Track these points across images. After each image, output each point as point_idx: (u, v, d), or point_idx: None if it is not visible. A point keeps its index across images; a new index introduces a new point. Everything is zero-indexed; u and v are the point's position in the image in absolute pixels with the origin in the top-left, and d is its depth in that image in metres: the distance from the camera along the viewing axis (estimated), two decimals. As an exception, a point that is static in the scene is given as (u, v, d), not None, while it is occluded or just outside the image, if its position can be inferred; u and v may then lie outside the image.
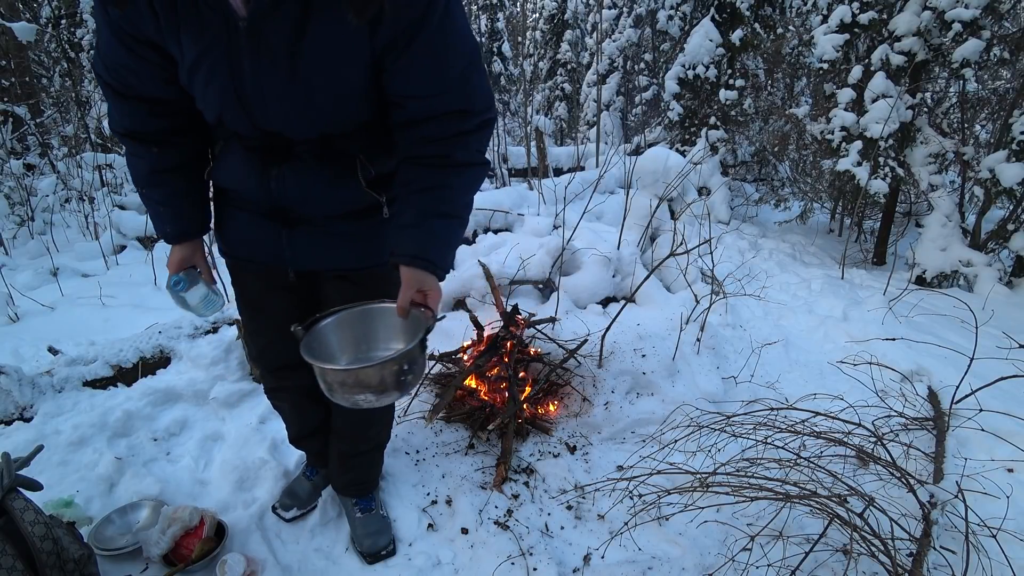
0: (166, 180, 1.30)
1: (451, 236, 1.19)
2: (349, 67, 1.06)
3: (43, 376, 2.20)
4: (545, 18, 16.43)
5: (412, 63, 1.05)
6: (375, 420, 1.64)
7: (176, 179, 1.31)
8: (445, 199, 1.16)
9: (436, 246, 1.16)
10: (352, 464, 1.69)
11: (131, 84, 1.16)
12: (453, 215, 1.18)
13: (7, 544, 1.25)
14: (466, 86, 1.10)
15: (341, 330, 1.23)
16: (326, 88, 1.09)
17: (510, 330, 2.50)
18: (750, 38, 6.69)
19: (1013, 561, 1.54)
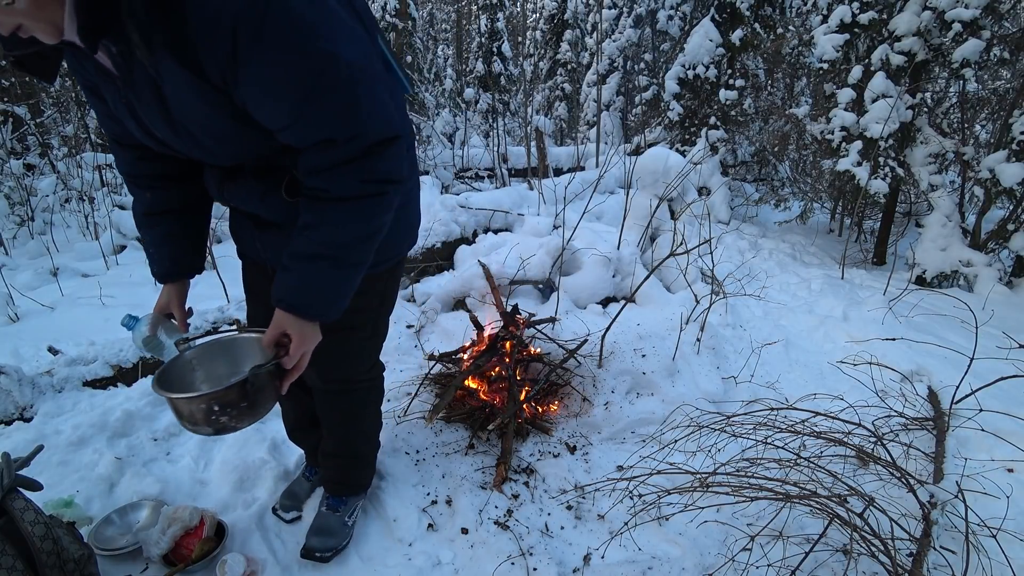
0: (157, 222, 1.35)
1: (322, 281, 1.11)
2: (212, 111, 1.02)
3: (43, 376, 2.20)
4: (545, 18, 16.43)
5: (249, 98, 0.99)
6: (350, 427, 1.65)
7: (167, 222, 1.35)
8: (318, 240, 1.08)
9: (301, 292, 1.11)
10: (330, 462, 1.71)
11: (117, 132, 1.23)
12: (326, 256, 1.08)
13: (7, 544, 1.25)
14: (319, 113, 0.99)
15: (209, 356, 1.27)
16: (205, 132, 1.06)
17: (510, 330, 2.50)
18: (750, 38, 6.69)
19: (1013, 561, 1.54)
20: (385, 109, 1.04)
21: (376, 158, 1.04)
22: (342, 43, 0.97)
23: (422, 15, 19.77)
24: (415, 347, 2.90)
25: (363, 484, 1.78)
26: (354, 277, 1.14)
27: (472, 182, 7.03)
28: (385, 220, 1.12)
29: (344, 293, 1.15)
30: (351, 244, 1.10)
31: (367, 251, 1.13)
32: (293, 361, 1.13)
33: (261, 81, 0.96)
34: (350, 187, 1.05)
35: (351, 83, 0.99)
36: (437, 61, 19.57)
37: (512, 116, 14.30)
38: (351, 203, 1.06)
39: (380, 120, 1.03)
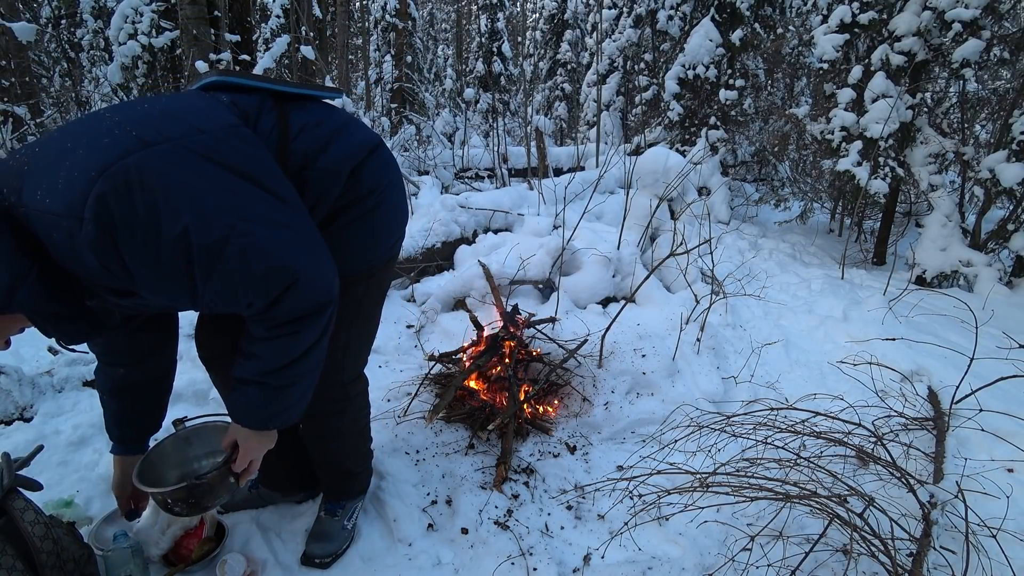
0: (119, 396, 1.44)
1: (257, 401, 1.19)
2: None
3: (43, 376, 2.20)
4: (545, 18, 16.44)
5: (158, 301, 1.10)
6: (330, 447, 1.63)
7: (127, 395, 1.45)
8: (249, 368, 1.16)
9: (242, 409, 1.21)
10: (318, 469, 1.70)
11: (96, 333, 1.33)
12: (256, 382, 1.16)
13: (7, 544, 1.25)
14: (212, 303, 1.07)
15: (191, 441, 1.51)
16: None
17: (510, 330, 2.50)
18: (750, 38, 6.68)
19: (1013, 561, 1.54)
20: (268, 261, 1.03)
21: (277, 308, 1.08)
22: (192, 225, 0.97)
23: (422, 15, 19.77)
24: (415, 347, 2.90)
25: (360, 489, 1.76)
26: (287, 396, 1.20)
27: (472, 182, 7.02)
28: (312, 346, 1.15)
29: (282, 409, 1.21)
30: (273, 372, 1.15)
31: (295, 374, 1.17)
32: (241, 465, 1.25)
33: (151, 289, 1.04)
34: (262, 331, 1.12)
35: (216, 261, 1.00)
36: (437, 61, 19.57)
37: (512, 116, 14.30)
38: (269, 342, 1.13)
39: (263, 279, 1.04)
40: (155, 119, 1.04)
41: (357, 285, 1.43)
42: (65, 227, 0.94)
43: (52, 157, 0.98)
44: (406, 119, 10.17)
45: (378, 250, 1.44)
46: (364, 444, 1.74)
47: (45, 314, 1.04)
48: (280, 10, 9.46)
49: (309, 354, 1.17)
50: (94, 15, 9.48)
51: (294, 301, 1.09)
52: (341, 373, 1.53)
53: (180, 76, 6.34)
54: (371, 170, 1.33)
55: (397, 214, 1.46)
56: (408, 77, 12.15)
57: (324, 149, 1.25)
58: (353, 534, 1.70)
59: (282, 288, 1.06)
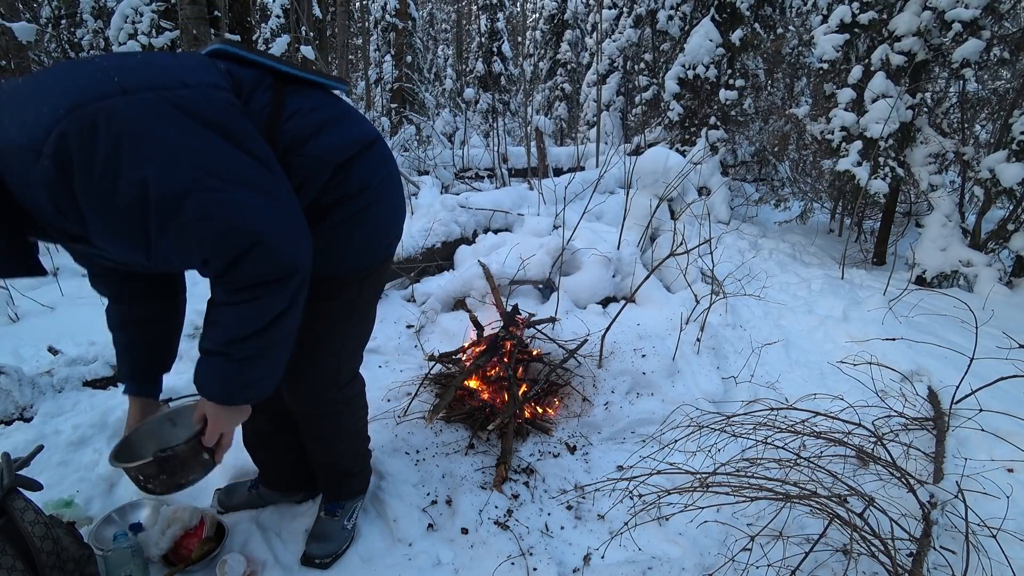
0: (129, 331, 1.40)
1: (218, 372, 1.15)
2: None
3: (43, 376, 2.20)
4: (545, 18, 16.44)
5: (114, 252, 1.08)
6: (329, 446, 1.61)
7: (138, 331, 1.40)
8: (212, 338, 1.13)
9: (203, 378, 1.17)
10: (319, 472, 1.69)
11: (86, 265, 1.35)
12: (219, 353, 1.13)
13: (7, 544, 1.25)
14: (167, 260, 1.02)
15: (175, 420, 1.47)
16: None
17: (510, 330, 2.50)
18: (750, 38, 6.68)
19: (1013, 561, 1.54)
20: (233, 216, 1.00)
21: (237, 270, 1.03)
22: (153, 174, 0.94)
23: (422, 15, 19.76)
24: (415, 347, 2.90)
25: (359, 489, 1.75)
26: (252, 369, 1.15)
27: (472, 182, 7.03)
28: (278, 316, 1.10)
29: (252, 380, 1.17)
30: (235, 342, 1.11)
31: (260, 347, 1.13)
32: (211, 439, 1.21)
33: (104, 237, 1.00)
34: (221, 295, 1.09)
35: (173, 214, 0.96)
36: (437, 61, 19.58)
37: (512, 116, 14.30)
38: (230, 308, 1.09)
39: (225, 235, 1.00)
40: (142, 69, 1.01)
41: (350, 288, 1.40)
42: (23, 159, 0.92)
43: (30, 93, 0.96)
44: (406, 119, 10.17)
45: (372, 251, 1.40)
46: (362, 444, 1.73)
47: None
48: (280, 10, 9.46)
49: (275, 326, 1.11)
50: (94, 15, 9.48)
51: (255, 265, 1.04)
52: (336, 375, 1.51)
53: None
54: (363, 166, 1.29)
55: (393, 214, 1.42)
56: (408, 77, 12.15)
57: (314, 135, 1.21)
58: (353, 534, 1.70)
59: (241, 249, 1.01)
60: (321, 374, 1.48)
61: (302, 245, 1.10)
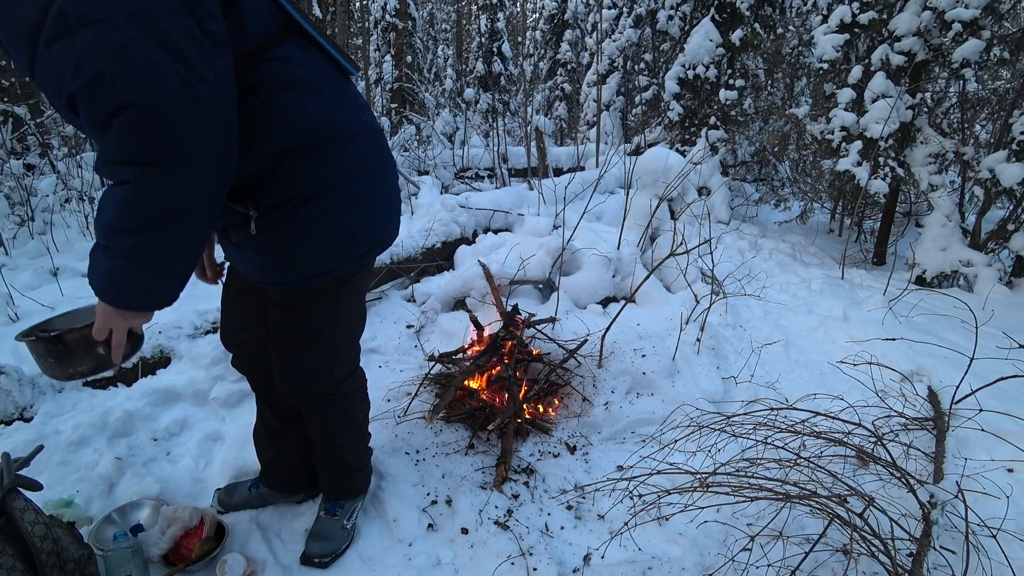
0: None
1: (98, 267, 1.04)
2: None
3: (43, 376, 2.20)
4: (545, 18, 16.44)
5: None
6: (329, 436, 1.61)
7: None
8: (96, 221, 1.02)
9: (91, 274, 1.07)
10: (320, 467, 1.69)
11: None
12: (100, 245, 1.01)
13: (7, 544, 1.25)
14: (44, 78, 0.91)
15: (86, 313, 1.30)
16: None
17: (510, 330, 2.50)
18: (750, 38, 6.68)
19: (1013, 561, 1.54)
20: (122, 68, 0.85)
21: (109, 135, 0.90)
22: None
23: (422, 15, 19.76)
24: (415, 347, 2.90)
25: (359, 488, 1.76)
26: (132, 271, 1.01)
27: (472, 182, 7.02)
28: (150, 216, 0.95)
29: (132, 285, 1.04)
30: (115, 235, 0.98)
31: (138, 247, 0.98)
32: (98, 333, 1.10)
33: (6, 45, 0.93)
34: (98, 164, 0.96)
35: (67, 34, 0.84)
36: (437, 61, 19.57)
37: (512, 116, 14.30)
38: (111, 190, 0.96)
39: (100, 83, 0.85)
40: None
41: (325, 297, 1.34)
42: None
43: None
44: (406, 119, 10.17)
45: (345, 256, 1.30)
46: (363, 439, 1.73)
47: None
48: (280, 10, 9.43)
49: (157, 228, 0.97)
50: None
51: (126, 133, 0.88)
52: (331, 372, 1.50)
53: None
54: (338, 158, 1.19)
55: (375, 218, 1.31)
56: (408, 77, 12.15)
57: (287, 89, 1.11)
58: (353, 534, 1.70)
59: (115, 107, 0.87)
60: (313, 374, 1.48)
61: (208, 130, 0.94)
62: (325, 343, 1.43)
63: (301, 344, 1.42)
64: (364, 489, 1.78)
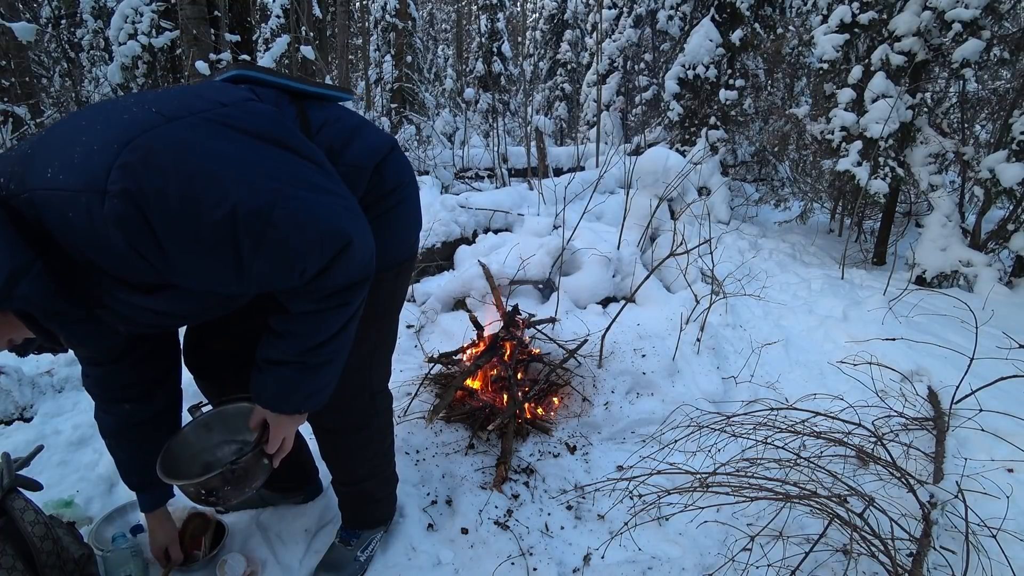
0: (137, 433, 1.36)
1: (292, 383, 1.14)
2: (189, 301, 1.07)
3: (43, 376, 2.20)
4: (545, 18, 16.45)
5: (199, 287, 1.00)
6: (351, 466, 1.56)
7: (140, 432, 1.36)
8: (284, 348, 1.10)
9: (274, 392, 1.15)
10: (339, 494, 1.64)
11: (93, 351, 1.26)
12: (292, 363, 1.11)
13: (7, 544, 1.25)
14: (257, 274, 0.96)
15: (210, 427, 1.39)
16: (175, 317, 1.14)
17: (510, 330, 2.50)
18: (750, 38, 6.68)
19: (1013, 561, 1.54)
20: (319, 225, 0.97)
21: (329, 276, 1.02)
22: (235, 191, 0.89)
23: (422, 15, 19.76)
24: (415, 347, 2.90)
25: (379, 519, 1.67)
26: (324, 374, 1.15)
27: (472, 182, 7.03)
28: (352, 317, 1.12)
29: (318, 388, 1.17)
30: (313, 350, 1.10)
31: (334, 350, 1.13)
32: (274, 447, 1.20)
33: (192, 276, 0.95)
34: (308, 305, 1.06)
35: (267, 227, 0.92)
36: (437, 61, 19.56)
37: (512, 116, 14.30)
38: (311, 316, 1.07)
39: (319, 242, 0.97)
40: (174, 97, 0.98)
41: (384, 283, 1.38)
42: (84, 204, 0.84)
43: (65, 137, 0.90)
44: (406, 119, 10.16)
45: (402, 246, 1.41)
46: (388, 466, 1.65)
47: (50, 312, 0.94)
48: (280, 10, 9.45)
49: (349, 328, 1.13)
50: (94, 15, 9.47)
51: (347, 267, 1.03)
52: (370, 381, 1.47)
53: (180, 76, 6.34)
54: (392, 167, 1.31)
55: (418, 210, 1.46)
56: (408, 77, 12.14)
57: (347, 144, 1.22)
58: (367, 567, 1.63)
59: (335, 252, 0.99)
60: (355, 382, 1.42)
61: (373, 244, 1.09)
62: (370, 339, 1.40)
63: None
64: (384, 521, 1.69)
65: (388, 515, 1.71)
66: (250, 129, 0.98)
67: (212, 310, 1.16)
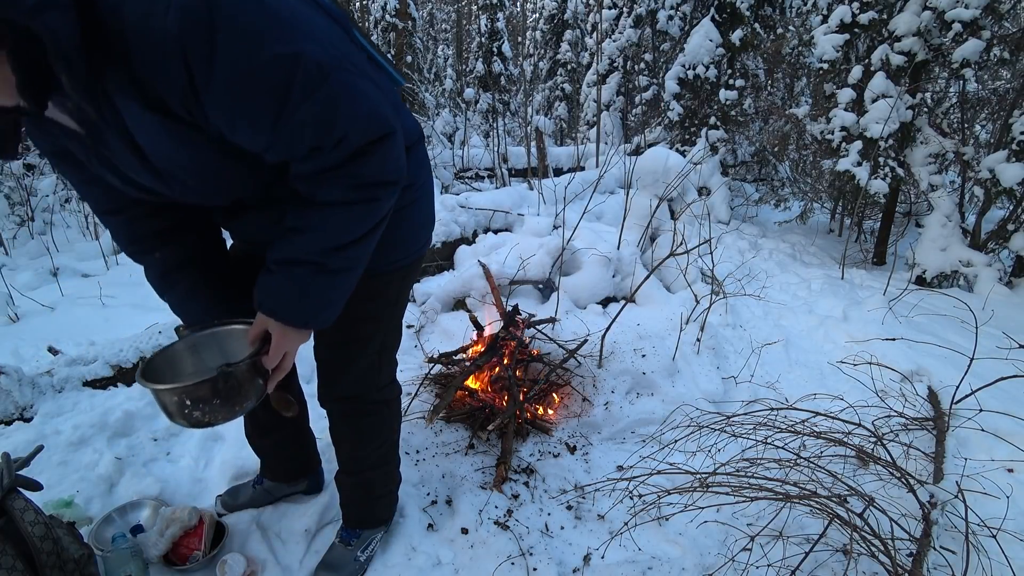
0: (177, 280, 1.25)
1: (304, 285, 1.04)
2: (190, 150, 0.96)
3: (43, 376, 2.20)
4: (545, 18, 16.44)
5: (221, 124, 0.92)
6: (360, 450, 1.54)
7: (189, 276, 1.26)
8: (301, 245, 1.02)
9: (282, 298, 1.06)
10: (342, 489, 1.63)
11: (102, 200, 1.15)
12: (308, 262, 1.03)
13: (7, 544, 1.25)
14: (297, 124, 0.92)
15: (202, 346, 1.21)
16: (189, 172, 1.00)
17: (510, 330, 2.50)
18: (750, 38, 6.69)
19: (1013, 561, 1.54)
20: (371, 104, 0.96)
21: (365, 161, 0.98)
22: (304, 42, 0.89)
23: (422, 15, 19.76)
24: (415, 347, 2.90)
25: (380, 518, 1.67)
26: (340, 284, 1.08)
27: (472, 182, 7.03)
28: (377, 225, 1.06)
29: (329, 300, 1.09)
30: (336, 250, 1.03)
31: (355, 258, 1.06)
32: (273, 362, 1.09)
33: (226, 104, 0.89)
34: (337, 193, 0.99)
35: (324, 82, 0.91)
36: (437, 61, 19.57)
37: (512, 116, 14.30)
38: (338, 208, 1.01)
39: (366, 118, 0.96)
40: None
41: (392, 285, 1.38)
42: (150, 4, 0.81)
43: None
44: (406, 119, 10.15)
45: (415, 244, 1.39)
46: (394, 458, 1.65)
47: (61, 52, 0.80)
48: (280, 10, 9.43)
49: (370, 237, 1.06)
50: None
51: (384, 159, 1.00)
52: (377, 376, 1.47)
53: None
54: (414, 160, 1.27)
55: (432, 210, 1.43)
56: (408, 77, 12.15)
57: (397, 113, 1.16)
58: (366, 568, 1.62)
59: (377, 136, 0.97)
60: (363, 376, 1.44)
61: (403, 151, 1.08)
62: (380, 336, 1.41)
63: (358, 338, 1.38)
64: (385, 520, 1.69)
65: (388, 515, 1.71)
66: (327, 7, 1.05)
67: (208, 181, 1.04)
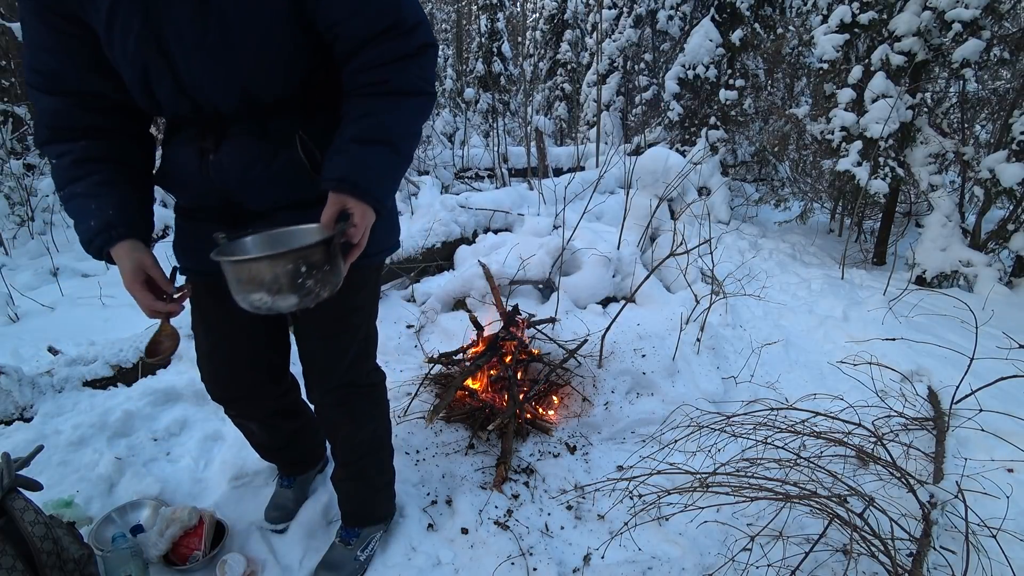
0: (93, 169, 1.12)
1: (383, 163, 1.07)
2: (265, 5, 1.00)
3: (43, 376, 2.20)
4: (545, 18, 16.43)
5: None
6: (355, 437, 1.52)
7: (104, 168, 1.13)
8: (377, 126, 1.06)
9: (363, 170, 1.05)
10: (339, 488, 1.62)
11: (59, 75, 1.07)
12: (385, 141, 1.07)
13: (7, 544, 1.25)
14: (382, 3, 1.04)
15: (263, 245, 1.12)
16: (243, 27, 1.00)
17: (510, 330, 2.50)
18: (750, 38, 6.69)
19: (1013, 561, 1.54)
20: (423, 14, 1.09)
21: (428, 59, 1.10)
22: None
23: (422, 15, 19.73)
24: (415, 347, 2.90)
25: (379, 514, 1.67)
26: (399, 173, 1.14)
27: (472, 182, 7.03)
28: (420, 132, 1.17)
29: (394, 185, 1.15)
30: (405, 136, 1.11)
31: (411, 152, 1.15)
32: (359, 234, 1.07)
33: None
34: (410, 81, 1.08)
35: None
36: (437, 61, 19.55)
37: (512, 116, 14.30)
38: (410, 98, 1.10)
39: (420, 23, 1.08)
40: None
41: (374, 274, 1.44)
42: None
43: None
44: (406, 119, 10.16)
45: (392, 235, 1.41)
46: (386, 447, 1.64)
47: None
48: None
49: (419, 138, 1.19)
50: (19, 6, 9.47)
51: (434, 63, 1.12)
52: (366, 363, 1.51)
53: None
54: None
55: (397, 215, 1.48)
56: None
57: None
58: (366, 567, 1.62)
59: (426, 42, 1.09)
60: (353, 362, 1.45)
61: None
62: (365, 324, 1.44)
63: (348, 328, 1.40)
64: (384, 518, 1.69)
65: (387, 513, 1.71)
66: None
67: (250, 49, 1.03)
